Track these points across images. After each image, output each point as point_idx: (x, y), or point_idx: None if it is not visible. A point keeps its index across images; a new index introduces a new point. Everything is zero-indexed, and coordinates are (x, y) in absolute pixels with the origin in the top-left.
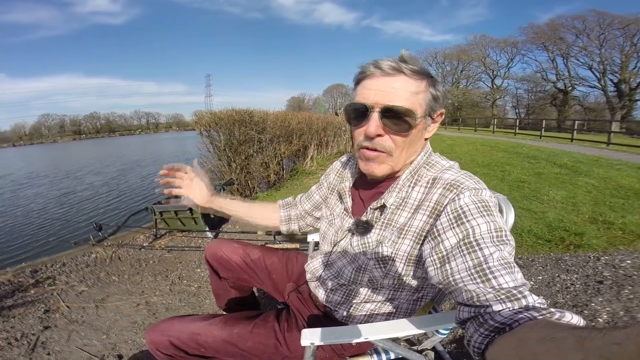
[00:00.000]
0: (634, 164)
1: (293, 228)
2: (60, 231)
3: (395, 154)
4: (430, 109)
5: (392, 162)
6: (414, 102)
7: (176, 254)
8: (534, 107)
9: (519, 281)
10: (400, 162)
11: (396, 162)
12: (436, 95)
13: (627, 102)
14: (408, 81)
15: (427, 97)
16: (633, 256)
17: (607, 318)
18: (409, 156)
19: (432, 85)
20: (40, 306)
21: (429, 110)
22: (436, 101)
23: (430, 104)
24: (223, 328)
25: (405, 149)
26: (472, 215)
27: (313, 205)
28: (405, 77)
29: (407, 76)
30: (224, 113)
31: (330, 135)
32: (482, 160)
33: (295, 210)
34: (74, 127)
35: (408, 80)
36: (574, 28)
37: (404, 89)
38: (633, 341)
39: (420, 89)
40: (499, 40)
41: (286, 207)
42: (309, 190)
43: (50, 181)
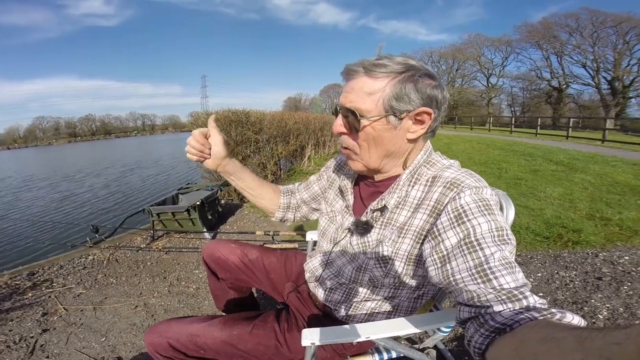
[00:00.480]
0: (629, 160)
1: (288, 217)
2: (56, 234)
3: (360, 152)
4: (391, 108)
5: (361, 160)
6: (367, 101)
7: (174, 256)
8: (529, 105)
9: (520, 281)
10: (372, 161)
11: (366, 161)
12: (399, 94)
13: (621, 100)
14: (366, 81)
15: (385, 96)
16: (630, 252)
17: (607, 315)
18: (382, 155)
19: (402, 82)
20: (38, 309)
21: (390, 109)
22: (400, 100)
23: (389, 102)
24: (222, 329)
25: (373, 149)
26: (472, 215)
27: (311, 196)
28: (364, 78)
29: (366, 76)
30: (220, 114)
31: (327, 135)
32: (479, 159)
33: (293, 198)
34: (69, 129)
35: (366, 81)
36: (567, 26)
37: (358, 90)
38: (633, 341)
39: (375, 89)
40: (494, 39)
41: (287, 195)
42: (308, 180)
43: (45, 184)
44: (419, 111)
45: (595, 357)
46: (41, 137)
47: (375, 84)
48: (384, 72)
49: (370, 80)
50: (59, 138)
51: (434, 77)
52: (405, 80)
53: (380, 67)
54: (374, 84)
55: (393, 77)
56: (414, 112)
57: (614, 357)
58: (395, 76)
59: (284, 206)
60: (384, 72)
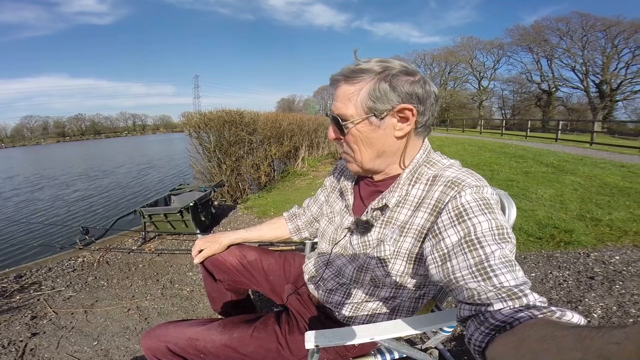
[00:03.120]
0: (617, 162)
1: (304, 236)
2: (44, 235)
3: (354, 155)
4: (370, 109)
5: (355, 162)
6: (348, 106)
7: (166, 258)
8: (519, 108)
9: (520, 279)
10: (365, 162)
11: (360, 162)
12: (374, 94)
13: (609, 103)
14: (345, 88)
15: (362, 98)
16: (621, 252)
17: (601, 313)
18: (374, 156)
19: (376, 83)
20: (27, 312)
21: (369, 110)
22: (376, 100)
23: (366, 104)
24: (222, 332)
25: (363, 150)
26: (473, 213)
27: (319, 207)
28: (343, 85)
29: (345, 82)
30: (213, 114)
31: (321, 137)
32: (471, 161)
33: (302, 218)
34: (58, 129)
35: (345, 87)
36: (558, 30)
37: (342, 97)
38: (632, 341)
39: (352, 92)
40: (486, 42)
41: (292, 219)
42: (316, 194)
43: (32, 185)
44: (399, 108)
45: (595, 356)
46: (29, 136)
47: (353, 88)
48: (361, 76)
49: (348, 86)
50: (47, 138)
51: (411, 73)
52: (379, 81)
53: (356, 73)
54: (352, 89)
55: (369, 79)
56: (394, 110)
57: (613, 357)
58: (371, 78)
59: (294, 230)
60: (360, 77)
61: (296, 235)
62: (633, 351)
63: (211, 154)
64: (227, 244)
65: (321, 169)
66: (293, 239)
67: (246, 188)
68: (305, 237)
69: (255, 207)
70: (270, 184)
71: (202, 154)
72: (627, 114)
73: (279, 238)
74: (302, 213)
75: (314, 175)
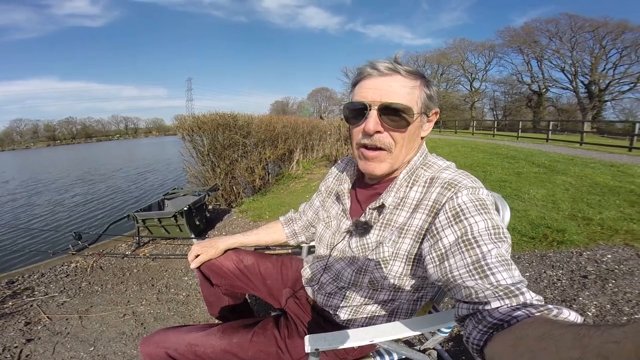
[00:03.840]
0: (606, 162)
1: (301, 240)
2: (36, 241)
3: (394, 150)
4: (425, 107)
5: (391, 160)
6: (410, 99)
7: (161, 262)
8: (510, 109)
9: (517, 278)
10: (399, 160)
11: (395, 159)
12: (430, 94)
13: (597, 103)
14: (404, 80)
15: (423, 95)
16: (612, 251)
17: (595, 312)
18: (407, 153)
19: (426, 85)
20: (20, 318)
21: (424, 108)
22: (431, 100)
23: (425, 102)
24: (222, 338)
25: (405, 146)
26: (470, 213)
27: (314, 212)
28: (401, 77)
29: (403, 76)
30: (207, 117)
31: (315, 139)
32: (464, 161)
33: (299, 223)
34: (48, 132)
35: (403, 80)
36: (547, 31)
37: (400, 87)
38: (631, 340)
39: (415, 87)
40: (477, 43)
41: (289, 223)
42: (311, 198)
43: (23, 189)
44: (436, 111)
45: (593, 355)
46: (18, 140)
47: (412, 83)
48: (417, 74)
49: (407, 80)
50: (38, 141)
51: None
52: (429, 83)
53: (414, 71)
54: (412, 84)
55: (419, 78)
56: (433, 112)
57: (612, 356)
58: (419, 78)
59: (291, 234)
60: (416, 75)
61: (293, 239)
62: (632, 350)
63: (205, 158)
64: (224, 248)
65: (316, 172)
66: (290, 242)
67: (241, 192)
68: (301, 241)
69: (250, 210)
70: (264, 187)
71: (195, 157)
72: (616, 114)
73: (276, 242)
74: (298, 217)
75: (308, 178)
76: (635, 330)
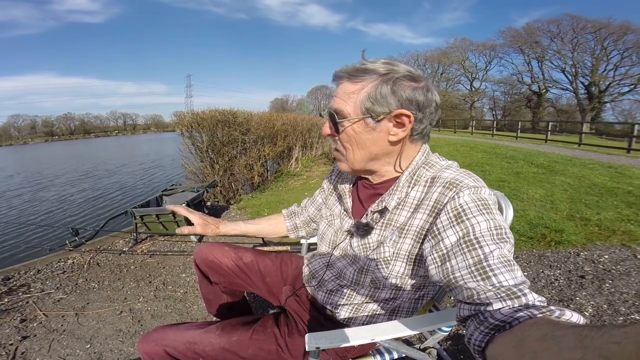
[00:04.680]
0: (605, 163)
1: (301, 234)
2: (33, 236)
3: (346, 153)
4: (367, 110)
5: (347, 161)
6: (347, 103)
7: (159, 259)
8: (509, 109)
9: (519, 279)
10: (356, 163)
11: (351, 162)
12: (374, 96)
13: (597, 104)
14: (347, 85)
15: (361, 98)
16: (610, 251)
17: (592, 312)
18: (365, 157)
19: (378, 85)
20: (16, 315)
21: (366, 112)
22: (375, 102)
23: (364, 104)
24: (221, 335)
25: (356, 150)
26: (472, 213)
27: (316, 209)
28: (346, 82)
29: (347, 80)
30: (206, 113)
31: (315, 137)
32: (463, 161)
33: (300, 217)
34: (46, 128)
35: (347, 85)
36: (549, 32)
37: (342, 94)
38: (632, 340)
39: (352, 91)
40: (478, 43)
41: (291, 217)
42: (314, 194)
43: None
44: (396, 113)
45: (595, 355)
46: (16, 136)
47: (354, 87)
48: (364, 76)
49: (350, 84)
50: (35, 137)
51: (416, 79)
52: (381, 83)
53: (361, 72)
54: (353, 87)
55: (372, 80)
56: (391, 115)
57: (613, 356)
58: (374, 79)
59: (292, 228)
60: (363, 76)
61: (293, 233)
62: (633, 351)
63: (204, 154)
64: (223, 232)
65: (315, 169)
66: (290, 236)
67: (239, 188)
68: (301, 236)
69: (249, 207)
70: (263, 184)
71: (194, 154)
72: (615, 116)
73: (277, 234)
74: (300, 212)
75: (307, 176)
76: (637, 331)
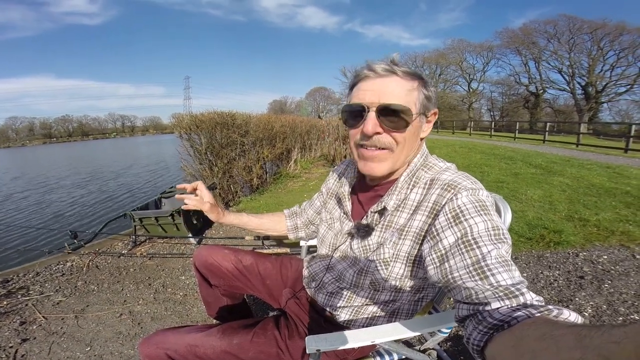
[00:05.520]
0: (603, 163)
1: (301, 235)
2: (32, 239)
3: (396, 150)
4: (424, 108)
5: (392, 160)
6: (409, 100)
7: (158, 262)
8: (507, 110)
9: (517, 279)
10: (399, 160)
11: (396, 159)
12: (428, 95)
13: (594, 105)
14: (401, 81)
15: (421, 96)
16: (608, 252)
17: (591, 312)
18: (407, 154)
19: (424, 86)
20: (15, 318)
21: (423, 109)
22: (429, 100)
23: (423, 102)
24: (222, 338)
25: (406, 146)
26: (469, 214)
27: (315, 212)
28: (398, 78)
29: (400, 77)
30: (205, 115)
31: (313, 139)
32: (462, 162)
33: (301, 218)
34: (44, 130)
35: (401, 81)
36: (545, 32)
37: (398, 88)
38: (631, 340)
39: (413, 88)
40: (476, 44)
41: (292, 217)
42: (312, 198)
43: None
44: (434, 111)
45: (594, 355)
46: (14, 138)
47: (410, 84)
48: (415, 75)
49: (404, 81)
50: (33, 139)
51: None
52: (427, 84)
53: (411, 72)
54: (410, 85)
55: (417, 80)
56: (432, 112)
57: (612, 356)
58: (417, 79)
59: (292, 228)
60: (412, 75)
61: (293, 233)
62: (632, 350)
63: (202, 156)
64: (227, 220)
65: (314, 171)
66: (289, 236)
67: (238, 190)
68: (301, 237)
69: (248, 209)
70: (262, 186)
71: (193, 156)
72: (612, 116)
73: (277, 231)
74: (300, 213)
75: (306, 178)
76: (636, 331)
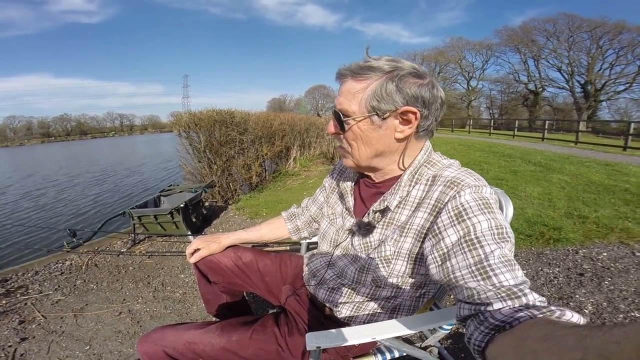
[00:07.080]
0: (601, 161)
1: (304, 235)
2: (30, 238)
3: (351, 150)
4: (373, 108)
5: (352, 157)
6: (352, 102)
7: (157, 260)
8: (506, 108)
9: (520, 279)
10: (362, 160)
11: (357, 159)
12: (380, 94)
13: (593, 103)
14: (351, 84)
15: (366, 96)
16: (608, 249)
17: (592, 309)
18: (371, 154)
19: (383, 83)
20: (14, 317)
21: (372, 109)
22: (381, 100)
23: (370, 102)
24: (220, 335)
25: (362, 147)
26: (472, 213)
27: (318, 208)
28: (350, 80)
29: (352, 79)
30: (204, 113)
31: (313, 137)
32: (461, 160)
33: (302, 218)
34: (43, 129)
35: (351, 83)
36: (545, 31)
37: (346, 92)
38: (631, 340)
39: (357, 89)
40: (475, 42)
41: (292, 219)
42: (314, 193)
43: (16, 186)
44: (402, 110)
45: (595, 355)
46: (12, 137)
47: (359, 85)
48: (368, 74)
49: (354, 82)
50: (32, 138)
51: (421, 76)
52: (387, 81)
53: (365, 70)
54: (358, 86)
55: (377, 78)
56: (397, 112)
57: (613, 356)
58: (379, 77)
59: (293, 230)
60: (368, 74)
61: (295, 235)
62: (632, 350)
63: (201, 154)
64: (227, 244)
65: (313, 169)
66: (292, 238)
67: (237, 188)
68: (304, 237)
69: (247, 207)
70: (261, 184)
71: (192, 154)
72: (611, 114)
73: (279, 238)
74: (300, 213)
75: (305, 175)
76: (636, 330)
